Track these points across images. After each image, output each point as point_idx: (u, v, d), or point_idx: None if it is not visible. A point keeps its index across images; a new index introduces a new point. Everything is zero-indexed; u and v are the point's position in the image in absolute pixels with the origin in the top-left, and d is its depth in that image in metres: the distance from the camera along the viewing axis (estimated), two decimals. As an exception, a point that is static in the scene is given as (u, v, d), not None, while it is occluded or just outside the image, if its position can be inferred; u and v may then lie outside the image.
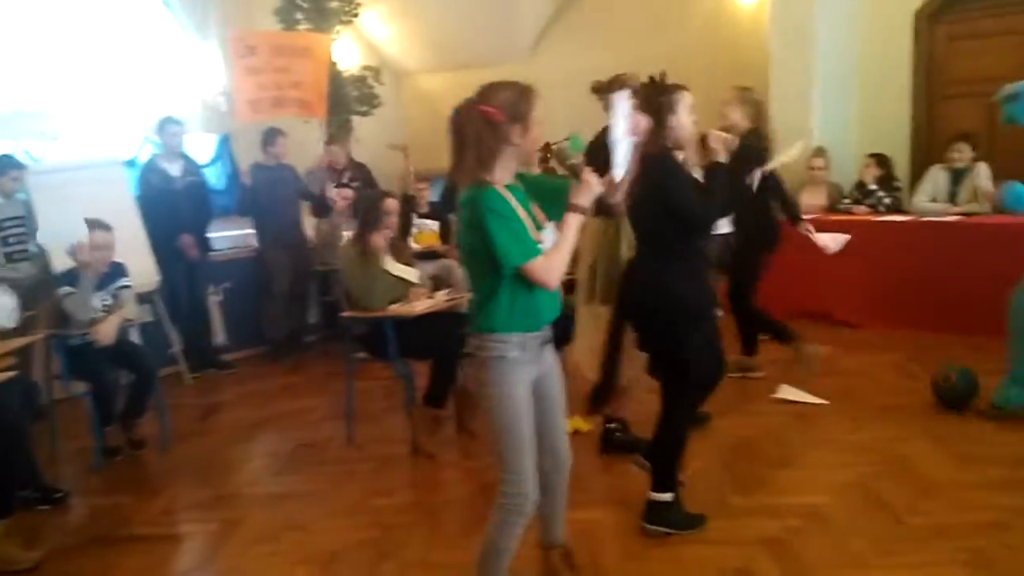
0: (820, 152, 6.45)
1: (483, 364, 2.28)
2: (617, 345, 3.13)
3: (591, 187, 2.24)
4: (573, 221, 2.23)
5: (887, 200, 6.10)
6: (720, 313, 5.84)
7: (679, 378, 2.98)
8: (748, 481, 3.44)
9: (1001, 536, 2.81)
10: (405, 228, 5.66)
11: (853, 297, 5.74)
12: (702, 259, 3.17)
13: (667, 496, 3.03)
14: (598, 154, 2.48)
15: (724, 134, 3.12)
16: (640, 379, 3.40)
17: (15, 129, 6.24)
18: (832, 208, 6.28)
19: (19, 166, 5.11)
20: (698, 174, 3.12)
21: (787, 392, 4.44)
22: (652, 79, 3.14)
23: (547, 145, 6.47)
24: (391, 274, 4.19)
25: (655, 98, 3.04)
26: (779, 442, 3.83)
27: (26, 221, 5.09)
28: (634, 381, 3.58)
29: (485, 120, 2.18)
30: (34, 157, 6.38)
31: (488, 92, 2.22)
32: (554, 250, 2.23)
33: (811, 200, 6.40)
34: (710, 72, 8.02)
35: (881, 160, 6.23)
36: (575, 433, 4.04)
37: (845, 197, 6.28)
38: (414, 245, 5.85)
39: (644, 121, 2.97)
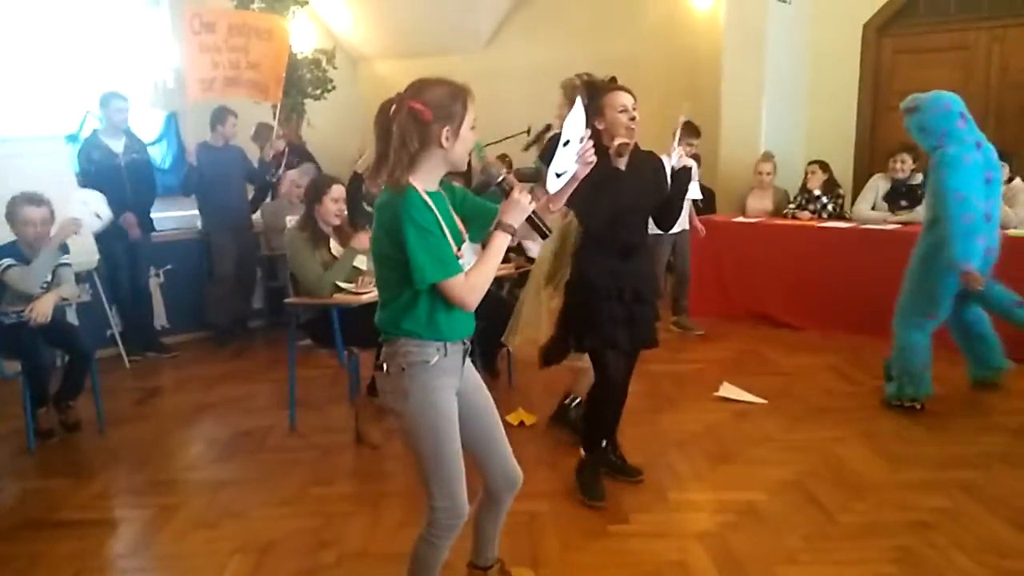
0: (768, 157, 6.59)
1: (402, 374, 2.09)
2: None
3: (522, 206, 2.11)
4: (500, 240, 2.10)
5: (830, 207, 6.26)
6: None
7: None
8: (687, 476, 3.51)
9: (928, 535, 2.91)
10: (356, 213, 5.61)
11: (795, 300, 5.89)
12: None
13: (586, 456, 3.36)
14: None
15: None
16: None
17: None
18: (778, 212, 6.42)
19: None
20: None
21: (728, 391, 4.54)
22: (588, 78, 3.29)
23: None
24: (338, 260, 4.15)
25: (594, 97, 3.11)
26: (718, 439, 3.91)
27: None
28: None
29: (413, 117, 2.00)
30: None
31: (420, 87, 2.04)
32: (476, 269, 2.08)
33: (757, 204, 6.53)
34: (665, 73, 8.15)
35: (824, 167, 6.39)
36: (520, 425, 4.08)
37: (791, 202, 6.42)
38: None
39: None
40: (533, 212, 2.15)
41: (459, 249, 2.10)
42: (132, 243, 5.52)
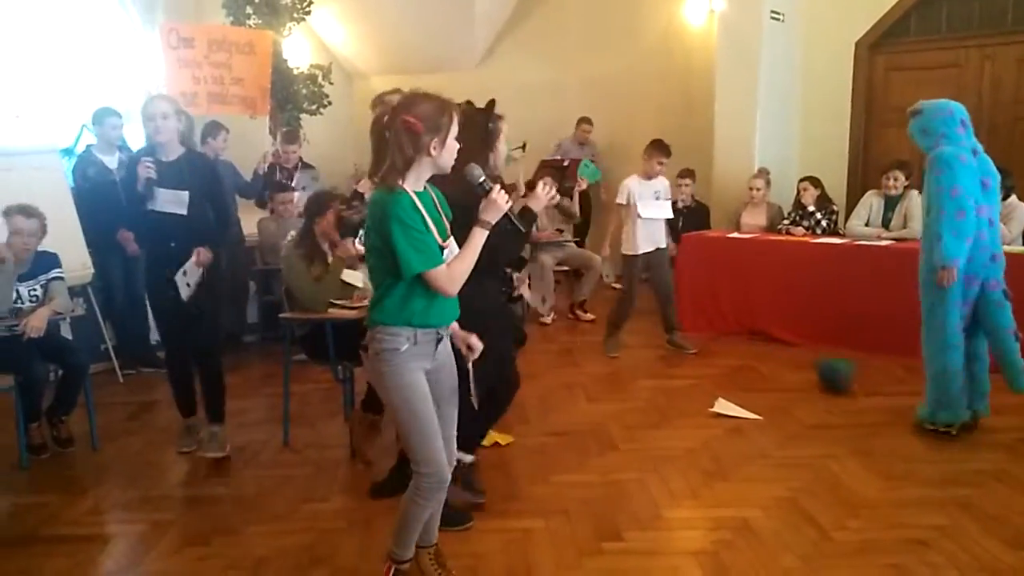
0: (761, 173, 6.63)
1: (377, 357, 2.41)
2: None
3: (499, 205, 2.41)
4: (479, 235, 2.40)
5: (824, 222, 6.29)
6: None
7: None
8: (682, 493, 3.50)
9: (924, 554, 2.91)
10: (353, 229, 5.62)
11: (790, 316, 5.89)
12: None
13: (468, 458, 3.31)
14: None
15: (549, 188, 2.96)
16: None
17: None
18: (772, 228, 6.44)
19: None
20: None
21: (723, 407, 4.53)
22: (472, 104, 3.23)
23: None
24: (334, 276, 4.15)
25: (485, 123, 3.16)
26: (713, 455, 3.90)
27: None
28: None
29: (406, 128, 2.30)
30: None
31: (411, 102, 2.34)
32: (456, 260, 2.38)
33: (751, 220, 6.56)
34: (660, 89, 8.22)
35: (816, 183, 6.42)
36: (494, 446, 4.06)
37: (785, 218, 6.45)
38: (359, 247, 5.80)
39: None
40: (509, 211, 2.44)
41: (444, 241, 2.40)
42: (127, 258, 5.51)
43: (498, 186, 2.44)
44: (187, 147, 4.00)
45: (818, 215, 6.31)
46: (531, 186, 3.40)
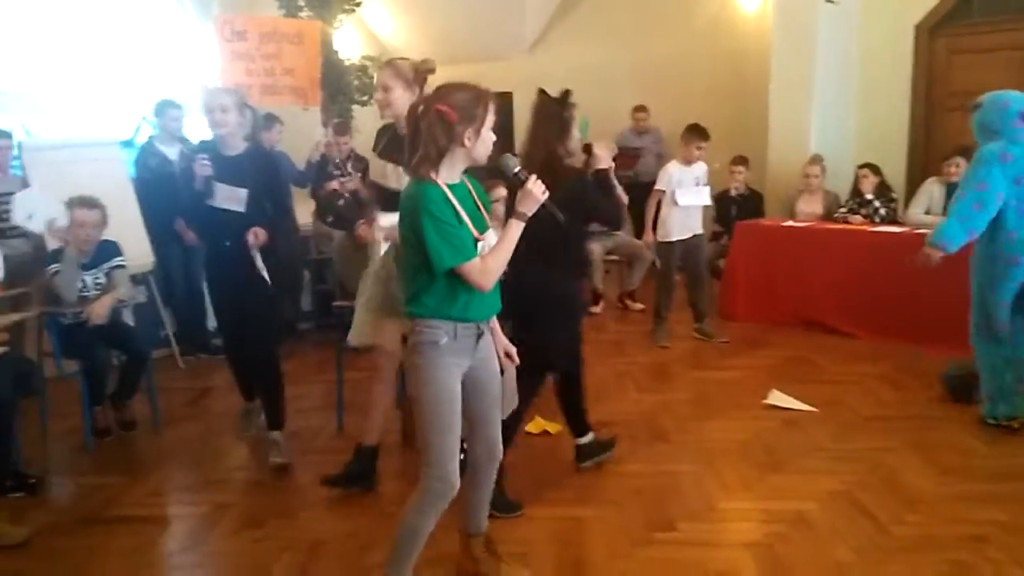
0: (816, 160, 6.48)
1: (414, 348, 2.35)
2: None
3: (535, 196, 2.33)
4: (515, 227, 2.33)
5: (883, 211, 6.14)
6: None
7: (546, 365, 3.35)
8: (735, 485, 3.47)
9: (983, 550, 2.84)
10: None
11: (846, 306, 5.77)
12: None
13: (587, 438, 3.60)
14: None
15: (611, 144, 3.50)
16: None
17: (15, 105, 6.22)
18: (828, 216, 6.31)
19: (5, 135, 5.06)
20: None
21: (777, 398, 4.47)
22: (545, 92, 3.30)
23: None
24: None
25: (560, 112, 3.21)
26: (767, 447, 3.86)
27: (21, 197, 5.07)
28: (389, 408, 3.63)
29: (439, 118, 2.23)
30: (31, 132, 6.37)
31: (444, 91, 2.28)
32: (491, 253, 2.31)
33: (807, 208, 6.43)
34: (711, 74, 8.09)
35: (875, 170, 6.27)
36: (543, 434, 4.06)
37: (842, 206, 6.31)
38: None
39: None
40: (546, 200, 2.35)
41: (481, 234, 2.34)
42: (185, 247, 5.65)
43: (534, 176, 2.36)
44: (251, 142, 3.90)
45: (877, 203, 6.15)
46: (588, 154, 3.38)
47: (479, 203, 2.41)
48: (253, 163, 3.75)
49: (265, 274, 3.73)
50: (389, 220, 3.18)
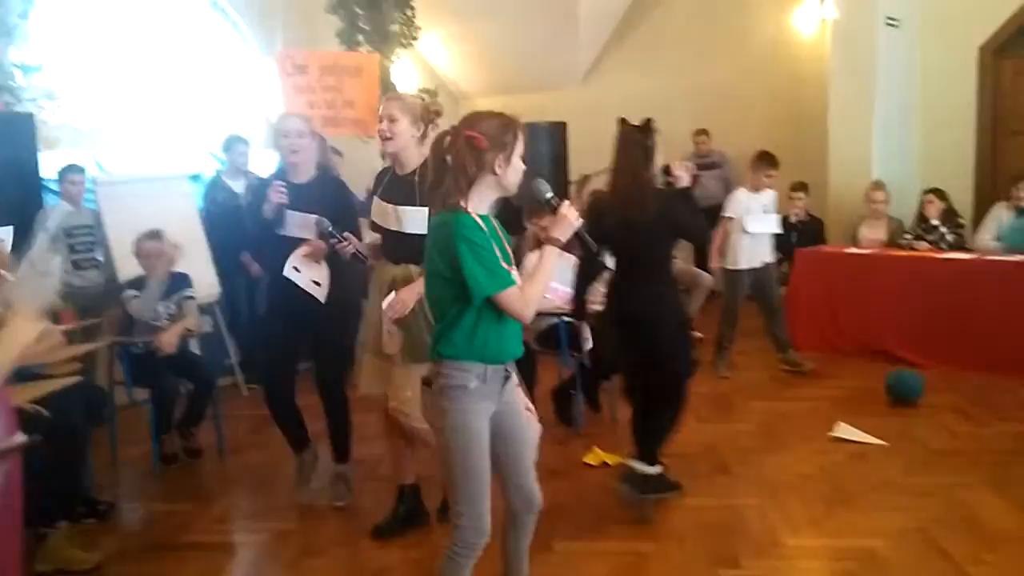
0: (879, 185, 6.35)
1: (441, 392, 2.23)
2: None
3: (569, 221, 2.27)
4: (550, 253, 2.26)
5: (950, 237, 5.98)
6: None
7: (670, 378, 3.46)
8: (801, 521, 3.38)
9: (1069, 592, 2.71)
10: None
11: (913, 335, 5.61)
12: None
13: (656, 469, 3.48)
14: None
15: (687, 163, 3.55)
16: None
17: (88, 140, 6.49)
18: (892, 243, 6.17)
19: (79, 171, 5.29)
20: None
21: (844, 430, 4.35)
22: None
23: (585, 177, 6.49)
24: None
25: (644, 139, 3.41)
26: (834, 482, 3.75)
27: (94, 230, 5.28)
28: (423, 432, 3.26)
29: (469, 144, 2.17)
30: (103, 168, 6.62)
31: (474, 119, 2.23)
32: (530, 281, 2.22)
33: (871, 234, 6.30)
34: (769, 99, 8.01)
35: (941, 195, 6.12)
36: (603, 466, 4.01)
37: (907, 232, 6.17)
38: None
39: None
40: (579, 228, 2.30)
41: (509, 267, 2.23)
42: (250, 278, 5.79)
43: (567, 202, 2.31)
44: (321, 169, 3.81)
45: (943, 229, 6.00)
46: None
47: (503, 237, 2.31)
48: (324, 189, 3.63)
49: (312, 290, 3.53)
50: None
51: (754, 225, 5.46)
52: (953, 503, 3.45)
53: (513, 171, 2.23)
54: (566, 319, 4.33)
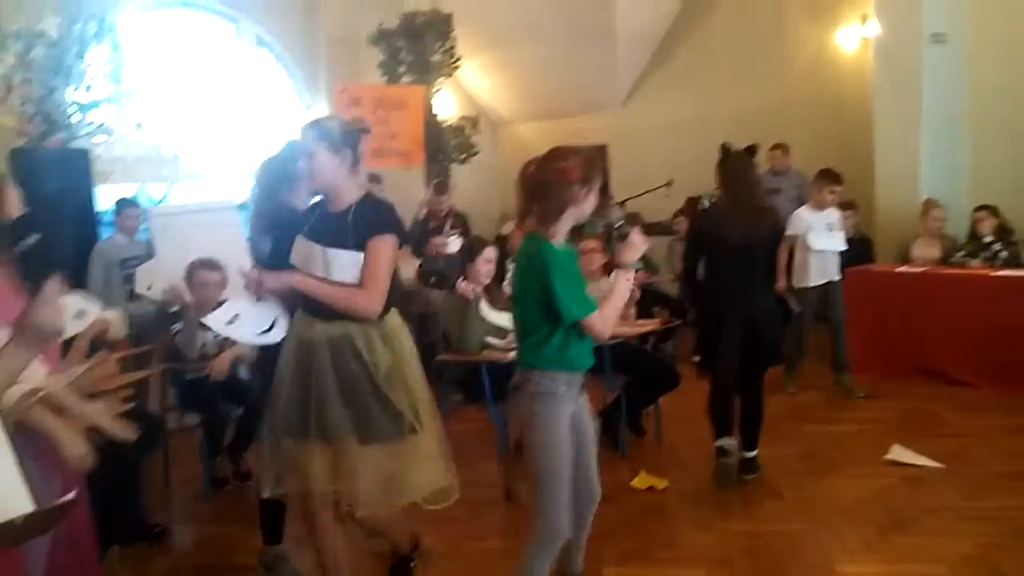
0: (936, 203, 6.22)
1: (533, 398, 2.45)
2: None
3: (637, 246, 2.51)
4: (623, 277, 2.50)
5: (1004, 254, 5.82)
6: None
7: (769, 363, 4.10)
8: (856, 547, 3.28)
9: None
10: (500, 272, 5.76)
11: (969, 355, 5.45)
12: None
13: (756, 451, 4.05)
14: None
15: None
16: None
17: (138, 173, 6.69)
18: (946, 261, 6.02)
19: (135, 204, 5.44)
20: None
21: (899, 453, 4.23)
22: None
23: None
24: (487, 319, 4.25)
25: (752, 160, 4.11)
26: (890, 506, 3.64)
27: (146, 260, 5.41)
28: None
29: (561, 177, 2.38)
30: (154, 199, 6.82)
31: (564, 153, 2.44)
32: (607, 305, 2.45)
33: (923, 253, 6.16)
34: (812, 118, 7.92)
35: (993, 212, 5.97)
36: (649, 490, 3.96)
37: (959, 250, 6.02)
38: (507, 290, 5.92)
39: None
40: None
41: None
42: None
43: (637, 227, 2.55)
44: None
45: (996, 246, 5.85)
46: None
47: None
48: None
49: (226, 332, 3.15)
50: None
51: (819, 242, 5.40)
52: (1014, 527, 3.33)
53: (590, 203, 2.46)
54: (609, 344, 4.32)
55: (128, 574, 3.27)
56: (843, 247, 5.58)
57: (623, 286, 2.49)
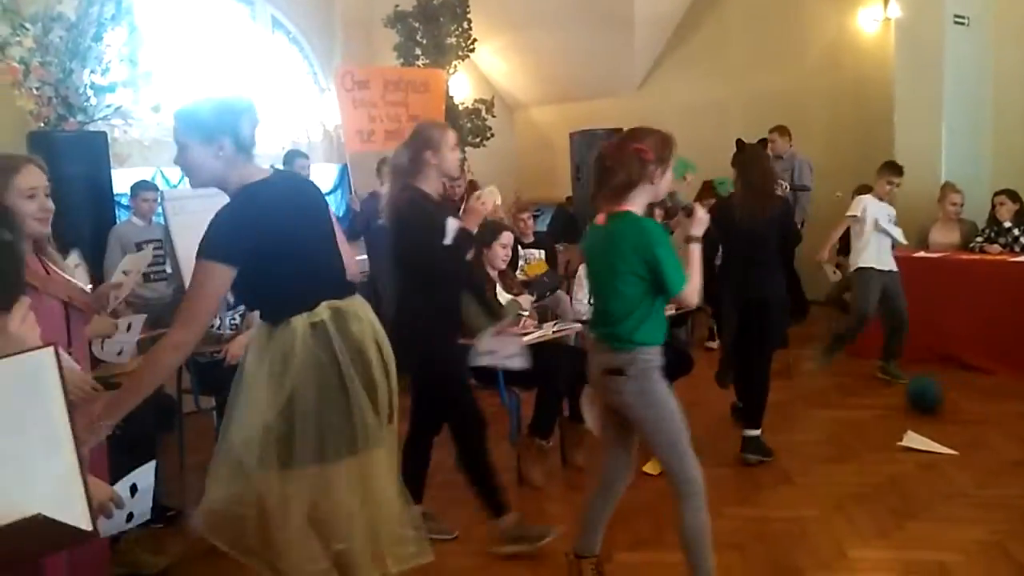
0: (955, 187, 6.13)
1: (643, 375, 2.51)
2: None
3: (703, 220, 2.62)
4: (696, 250, 2.58)
5: (1024, 239, 5.75)
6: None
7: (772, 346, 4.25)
8: (869, 532, 3.28)
9: None
10: (512, 259, 5.75)
11: (985, 341, 5.41)
12: None
13: (758, 431, 4.08)
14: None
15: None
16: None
17: (155, 156, 6.72)
18: (965, 246, 5.96)
19: (152, 188, 5.46)
20: None
21: (913, 440, 4.21)
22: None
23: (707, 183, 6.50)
24: (500, 304, 4.24)
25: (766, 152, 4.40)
26: (903, 493, 3.63)
27: (163, 243, 5.46)
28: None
29: (637, 156, 2.47)
30: (170, 182, 6.85)
31: (640, 134, 2.53)
32: (694, 275, 2.55)
33: (942, 238, 6.10)
34: (832, 102, 7.84)
35: (1014, 197, 5.89)
36: (662, 475, 3.94)
37: (978, 235, 5.95)
38: (520, 275, 5.91)
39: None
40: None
41: None
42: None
43: (698, 204, 2.75)
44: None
45: (1016, 231, 5.77)
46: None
47: None
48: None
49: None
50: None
51: (892, 230, 5.30)
52: (1030, 516, 3.31)
53: (665, 181, 2.55)
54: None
55: (146, 555, 3.31)
56: (904, 242, 5.45)
57: (698, 257, 2.56)
